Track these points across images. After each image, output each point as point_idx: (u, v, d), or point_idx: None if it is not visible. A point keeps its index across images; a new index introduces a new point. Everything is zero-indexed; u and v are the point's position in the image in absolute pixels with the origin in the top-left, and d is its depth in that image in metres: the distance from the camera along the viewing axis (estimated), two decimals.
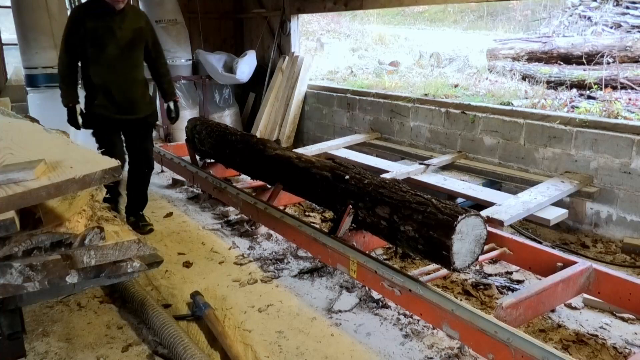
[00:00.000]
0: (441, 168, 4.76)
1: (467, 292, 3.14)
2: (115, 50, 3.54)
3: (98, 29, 3.47)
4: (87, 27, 3.45)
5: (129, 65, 3.66)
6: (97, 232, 2.22)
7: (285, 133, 6.77)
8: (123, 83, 3.64)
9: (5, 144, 2.45)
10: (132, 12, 3.67)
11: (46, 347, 2.61)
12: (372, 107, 5.89)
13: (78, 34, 3.47)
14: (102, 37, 3.49)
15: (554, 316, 2.88)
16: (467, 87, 6.37)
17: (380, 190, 2.85)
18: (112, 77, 3.60)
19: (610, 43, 6.76)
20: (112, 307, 3.00)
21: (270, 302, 3.06)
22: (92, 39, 3.48)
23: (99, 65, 3.57)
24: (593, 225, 4.06)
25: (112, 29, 3.50)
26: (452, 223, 2.36)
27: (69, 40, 3.52)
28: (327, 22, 13.35)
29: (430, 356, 2.54)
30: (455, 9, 13.80)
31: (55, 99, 5.50)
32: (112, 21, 3.50)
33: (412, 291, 2.48)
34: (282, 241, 3.90)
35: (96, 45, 3.51)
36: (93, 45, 3.50)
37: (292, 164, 3.60)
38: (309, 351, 2.60)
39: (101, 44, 3.51)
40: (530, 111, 4.55)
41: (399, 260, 3.57)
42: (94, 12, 3.49)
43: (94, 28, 3.46)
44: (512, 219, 3.50)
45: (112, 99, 3.62)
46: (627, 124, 3.89)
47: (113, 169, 2.14)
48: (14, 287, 2.05)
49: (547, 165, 4.31)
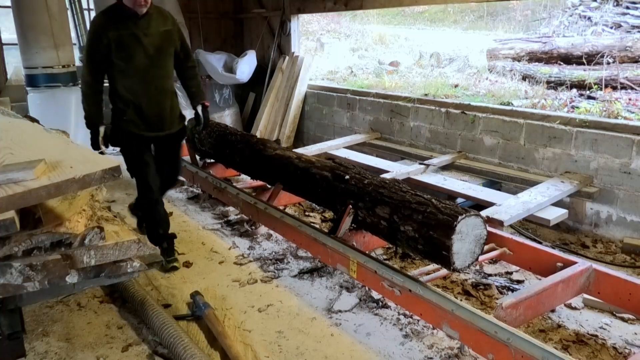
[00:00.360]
0: (441, 168, 4.76)
1: (467, 292, 3.14)
2: (143, 60, 3.19)
3: (122, 37, 3.12)
4: (111, 37, 3.09)
5: (160, 75, 3.31)
6: (97, 232, 2.22)
7: (285, 133, 6.77)
8: (153, 96, 3.30)
9: (5, 144, 2.45)
10: (156, 14, 3.27)
11: (46, 347, 2.61)
12: (372, 107, 5.89)
13: (101, 45, 3.11)
14: (127, 46, 3.14)
15: (554, 316, 2.88)
16: (467, 87, 6.37)
17: (380, 190, 2.85)
18: (141, 89, 3.26)
19: (610, 43, 6.76)
20: (112, 307, 3.00)
21: (270, 302, 3.06)
22: (117, 50, 3.13)
23: (126, 77, 3.22)
24: (593, 225, 4.06)
25: (138, 36, 3.15)
26: (452, 223, 2.36)
27: (92, 54, 3.16)
28: (327, 22, 13.35)
29: (430, 356, 2.54)
30: (455, 9, 13.80)
31: (56, 99, 5.56)
32: (136, 27, 3.15)
33: (412, 291, 2.48)
34: (282, 241, 3.90)
35: (122, 56, 3.15)
36: (119, 56, 3.14)
37: (292, 164, 3.60)
38: (308, 351, 2.60)
39: (127, 54, 3.16)
40: (530, 111, 4.55)
41: (399, 260, 3.57)
42: (116, 19, 3.13)
43: (118, 37, 3.11)
44: (512, 219, 3.50)
45: (142, 114, 3.28)
46: (627, 124, 3.89)
47: (113, 169, 2.14)
48: (14, 287, 2.05)
49: (547, 165, 4.31)
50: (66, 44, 5.57)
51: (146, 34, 3.18)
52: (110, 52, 3.13)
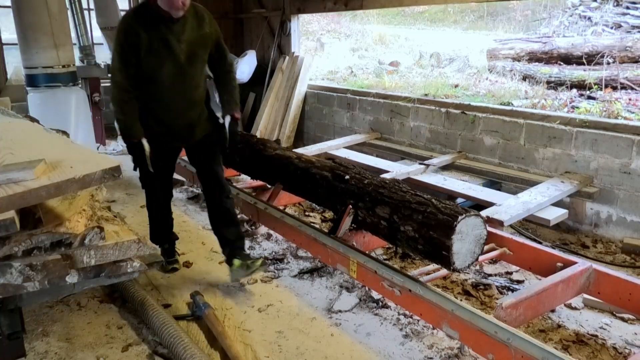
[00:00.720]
0: (441, 168, 4.76)
1: (467, 292, 3.14)
2: (173, 69, 2.87)
3: (153, 42, 2.78)
4: (141, 39, 2.76)
5: (190, 86, 2.99)
6: (97, 232, 2.22)
7: (285, 133, 6.77)
8: (182, 108, 3.00)
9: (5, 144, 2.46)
10: (192, 16, 2.88)
11: (46, 347, 2.61)
12: (372, 107, 5.89)
13: (133, 46, 2.78)
14: (157, 52, 2.81)
15: (554, 316, 2.88)
16: (467, 87, 6.37)
17: (380, 190, 2.85)
18: (169, 99, 2.95)
19: (611, 43, 6.76)
20: (112, 307, 3.00)
21: (270, 302, 3.06)
22: (146, 55, 2.80)
23: (154, 85, 2.89)
24: (593, 225, 4.06)
25: (170, 43, 2.81)
26: (452, 223, 2.36)
27: (124, 55, 2.80)
28: (327, 22, 13.35)
29: (430, 356, 2.54)
30: (456, 9, 13.81)
31: (56, 99, 5.55)
32: (169, 32, 2.80)
33: (412, 291, 2.48)
34: (282, 241, 3.90)
35: (151, 61, 2.82)
36: (147, 61, 2.82)
37: (292, 164, 3.60)
38: (308, 351, 2.60)
39: (156, 61, 2.83)
40: (530, 111, 4.55)
41: (399, 260, 3.57)
42: (147, 20, 2.78)
43: (149, 41, 2.77)
44: (512, 219, 3.50)
45: (169, 126, 3.01)
46: (627, 124, 3.90)
47: (113, 169, 2.15)
48: (14, 286, 2.05)
49: (547, 165, 4.31)
50: (66, 44, 5.56)
51: (180, 40, 2.84)
52: (140, 56, 2.81)
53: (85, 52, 6.65)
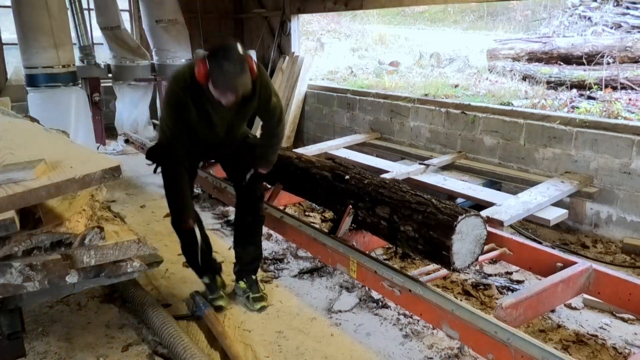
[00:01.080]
0: (441, 168, 4.76)
1: (467, 292, 3.14)
2: (216, 137, 2.88)
3: (199, 111, 2.69)
4: (191, 112, 2.67)
5: (232, 138, 3.00)
6: (97, 232, 2.22)
7: (285, 133, 6.77)
8: (221, 142, 2.97)
9: (5, 144, 2.45)
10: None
11: (46, 347, 2.61)
12: (372, 107, 5.89)
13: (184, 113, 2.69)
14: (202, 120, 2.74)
15: (554, 316, 2.88)
16: (467, 87, 6.38)
17: (380, 190, 2.85)
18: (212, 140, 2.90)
19: (611, 43, 6.77)
20: (112, 307, 3.00)
21: (270, 302, 3.05)
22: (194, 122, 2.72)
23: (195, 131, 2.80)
24: (593, 225, 4.06)
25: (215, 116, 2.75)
26: (452, 223, 2.36)
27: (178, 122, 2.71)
28: (327, 22, 13.35)
29: (430, 356, 2.54)
30: (456, 9, 13.81)
31: (56, 99, 5.55)
32: (215, 113, 2.74)
33: (412, 291, 2.48)
34: (282, 241, 3.90)
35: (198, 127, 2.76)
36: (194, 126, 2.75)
37: (292, 164, 3.60)
38: (308, 351, 2.60)
39: (201, 124, 2.75)
40: (530, 111, 4.55)
41: (399, 260, 3.57)
42: (195, 96, 2.65)
43: (197, 113, 2.69)
44: (512, 219, 3.50)
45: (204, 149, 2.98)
46: (627, 124, 3.90)
47: (113, 169, 2.14)
48: (14, 286, 2.05)
49: (547, 165, 4.31)
50: (66, 44, 5.56)
51: (223, 118, 2.80)
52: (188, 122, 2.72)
53: (85, 52, 6.66)
